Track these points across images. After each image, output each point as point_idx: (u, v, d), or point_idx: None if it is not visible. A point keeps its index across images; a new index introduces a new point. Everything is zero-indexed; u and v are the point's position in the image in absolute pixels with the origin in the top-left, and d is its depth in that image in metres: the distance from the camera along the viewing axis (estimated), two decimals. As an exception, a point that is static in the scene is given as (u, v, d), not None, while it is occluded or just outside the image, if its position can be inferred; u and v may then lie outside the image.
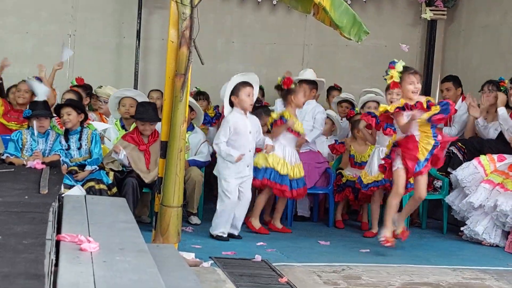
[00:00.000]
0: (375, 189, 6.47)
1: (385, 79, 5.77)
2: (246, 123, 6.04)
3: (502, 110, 6.67)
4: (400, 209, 5.85)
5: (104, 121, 7.38)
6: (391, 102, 6.18)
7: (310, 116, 7.05)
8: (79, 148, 6.25)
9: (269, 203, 6.77)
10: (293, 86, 6.50)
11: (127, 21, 8.81)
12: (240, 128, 6.00)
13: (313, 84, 7.14)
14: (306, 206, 7.31)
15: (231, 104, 6.04)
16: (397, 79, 5.59)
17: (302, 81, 7.09)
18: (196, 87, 8.28)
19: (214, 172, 6.24)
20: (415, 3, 9.18)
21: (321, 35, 8.85)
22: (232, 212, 6.04)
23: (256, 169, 6.25)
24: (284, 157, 6.40)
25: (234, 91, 5.99)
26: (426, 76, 9.13)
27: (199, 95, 8.22)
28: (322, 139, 7.44)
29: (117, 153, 6.20)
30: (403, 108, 5.54)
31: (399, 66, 5.60)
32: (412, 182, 5.93)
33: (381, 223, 6.40)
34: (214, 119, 8.06)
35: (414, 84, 5.61)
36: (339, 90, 8.52)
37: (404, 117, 5.54)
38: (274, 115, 6.49)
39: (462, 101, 7.59)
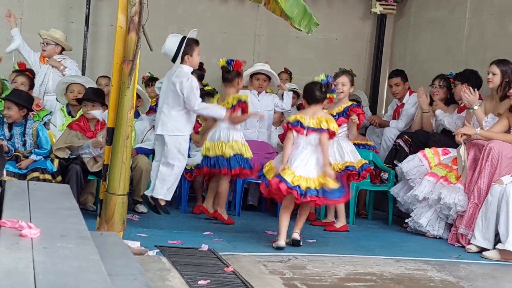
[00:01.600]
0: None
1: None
2: None
3: (438, 112, 6.93)
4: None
5: (44, 62, 7.45)
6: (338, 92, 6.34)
7: (270, 104, 7.31)
8: (24, 145, 6.10)
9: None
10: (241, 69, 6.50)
11: (76, 6, 8.67)
12: None
13: (269, 77, 7.32)
14: (255, 195, 7.34)
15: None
16: None
17: (257, 73, 7.28)
18: (149, 73, 8.19)
19: (165, 133, 5.67)
20: (365, -3, 9.28)
21: (273, 26, 8.85)
22: None
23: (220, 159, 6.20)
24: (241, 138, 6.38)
25: (188, 50, 5.70)
26: (375, 70, 9.24)
27: (152, 81, 8.13)
28: (271, 129, 7.49)
29: (97, 148, 6.11)
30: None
31: None
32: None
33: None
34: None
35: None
36: (289, 74, 8.58)
37: None
38: (234, 98, 6.25)
39: (410, 95, 7.72)
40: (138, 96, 6.69)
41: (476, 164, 6.06)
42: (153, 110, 7.93)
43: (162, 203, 5.80)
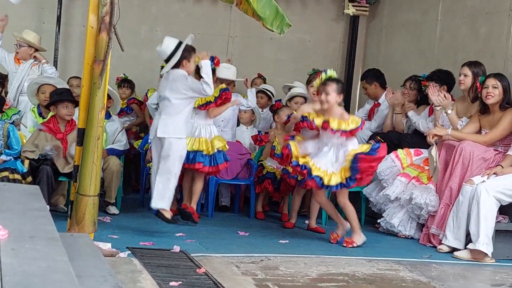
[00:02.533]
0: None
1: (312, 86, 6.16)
2: None
3: (411, 113, 6.96)
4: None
5: (20, 64, 7.42)
6: (314, 94, 6.22)
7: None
8: None
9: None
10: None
11: (48, 6, 8.59)
12: None
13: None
14: (228, 196, 7.33)
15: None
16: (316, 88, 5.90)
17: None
18: (124, 74, 8.16)
19: (167, 135, 5.67)
20: (338, -2, 9.31)
21: (246, 27, 8.85)
22: None
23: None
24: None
25: (187, 55, 5.69)
26: (348, 71, 9.27)
27: (124, 82, 8.10)
28: (243, 129, 7.50)
29: (54, 151, 6.03)
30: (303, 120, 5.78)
31: (324, 75, 5.79)
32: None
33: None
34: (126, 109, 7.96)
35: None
36: (263, 79, 8.57)
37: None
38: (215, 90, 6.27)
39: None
40: (109, 97, 6.65)
41: (448, 164, 6.10)
42: (124, 112, 7.92)
43: (167, 215, 5.75)
